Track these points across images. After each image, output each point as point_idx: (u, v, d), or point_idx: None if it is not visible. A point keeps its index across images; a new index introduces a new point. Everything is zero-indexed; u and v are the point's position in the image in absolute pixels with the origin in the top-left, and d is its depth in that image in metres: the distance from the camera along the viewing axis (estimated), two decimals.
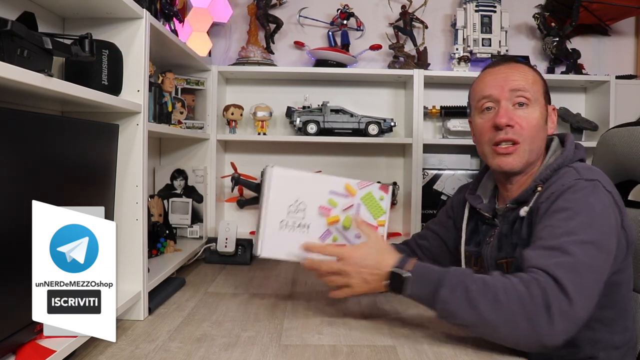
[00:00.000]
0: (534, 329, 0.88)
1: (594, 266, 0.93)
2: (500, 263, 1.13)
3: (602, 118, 2.04)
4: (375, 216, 1.16)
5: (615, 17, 2.18)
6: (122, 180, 1.12)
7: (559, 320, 0.87)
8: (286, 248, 1.11)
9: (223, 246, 1.73)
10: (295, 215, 1.11)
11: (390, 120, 2.00)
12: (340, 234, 1.14)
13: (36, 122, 0.82)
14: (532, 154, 1.11)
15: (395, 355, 0.95)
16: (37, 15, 0.88)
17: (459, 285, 0.94)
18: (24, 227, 0.76)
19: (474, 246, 1.23)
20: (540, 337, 0.88)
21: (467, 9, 2.07)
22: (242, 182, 1.95)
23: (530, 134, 1.10)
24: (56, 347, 0.81)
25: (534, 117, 1.10)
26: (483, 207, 1.20)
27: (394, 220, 2.15)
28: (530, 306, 0.89)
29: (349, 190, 1.14)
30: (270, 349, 0.97)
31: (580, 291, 0.89)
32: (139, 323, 1.11)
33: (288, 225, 1.11)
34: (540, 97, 1.13)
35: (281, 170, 1.12)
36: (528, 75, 1.13)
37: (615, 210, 1.01)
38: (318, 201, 1.13)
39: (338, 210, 1.13)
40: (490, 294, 0.92)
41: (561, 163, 1.09)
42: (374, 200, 1.16)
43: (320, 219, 1.13)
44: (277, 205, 1.11)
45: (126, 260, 1.13)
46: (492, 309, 0.91)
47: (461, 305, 0.93)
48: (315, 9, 2.16)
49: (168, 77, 1.50)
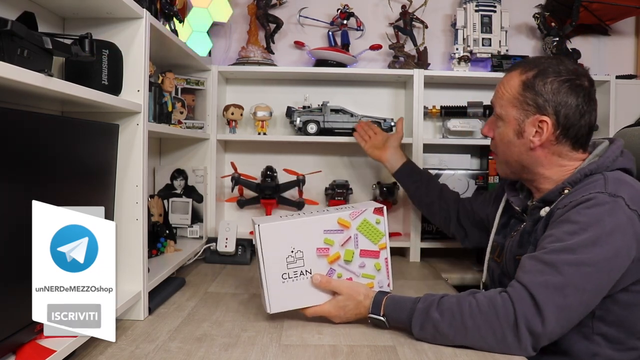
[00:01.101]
0: (505, 346, 0.94)
1: (584, 288, 0.93)
2: (518, 259, 1.10)
3: (602, 118, 2.04)
4: (374, 241, 1.13)
5: (615, 17, 2.17)
6: (122, 180, 1.12)
7: (527, 337, 0.92)
8: (294, 298, 1.10)
9: (223, 246, 1.73)
10: (295, 264, 1.09)
11: (390, 120, 2.00)
12: (344, 269, 1.12)
13: (36, 122, 0.82)
14: (509, 165, 1.17)
15: (395, 355, 0.95)
16: (37, 15, 0.88)
17: (427, 321, 1.00)
18: (24, 227, 0.76)
19: (502, 238, 1.26)
20: (513, 351, 0.94)
21: (467, 9, 2.07)
22: (242, 182, 1.95)
23: (500, 148, 1.17)
24: (56, 347, 0.81)
25: (501, 132, 1.15)
26: (515, 201, 1.23)
27: (394, 220, 2.14)
28: (497, 327, 0.94)
29: (342, 224, 1.11)
30: (270, 349, 0.97)
31: (558, 313, 0.92)
32: (139, 323, 1.11)
33: (290, 277, 1.09)
34: (510, 111, 1.12)
35: (267, 226, 1.08)
36: (506, 89, 1.13)
37: (638, 229, 0.96)
38: (314, 244, 1.10)
39: (336, 247, 1.11)
40: (457, 323, 0.97)
41: (594, 169, 1.06)
42: (371, 225, 1.13)
43: (321, 261, 1.10)
44: (274, 261, 1.08)
45: (126, 260, 1.13)
46: (462, 336, 0.97)
47: (434, 338, 1.00)
48: (315, 9, 2.16)
49: (168, 77, 1.50)
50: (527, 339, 0.92)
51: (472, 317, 0.95)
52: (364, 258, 1.13)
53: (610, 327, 1.02)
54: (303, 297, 1.10)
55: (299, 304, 1.11)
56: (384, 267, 1.14)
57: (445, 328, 0.97)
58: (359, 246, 1.12)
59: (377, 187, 2.05)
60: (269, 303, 1.09)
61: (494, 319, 0.94)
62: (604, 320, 1.02)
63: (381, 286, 1.14)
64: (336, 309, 1.10)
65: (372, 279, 1.13)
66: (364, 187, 2.14)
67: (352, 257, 1.12)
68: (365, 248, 1.13)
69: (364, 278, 1.13)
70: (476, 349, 0.96)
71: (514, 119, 1.12)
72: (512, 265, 1.14)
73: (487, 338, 0.94)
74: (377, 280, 1.14)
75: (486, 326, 0.94)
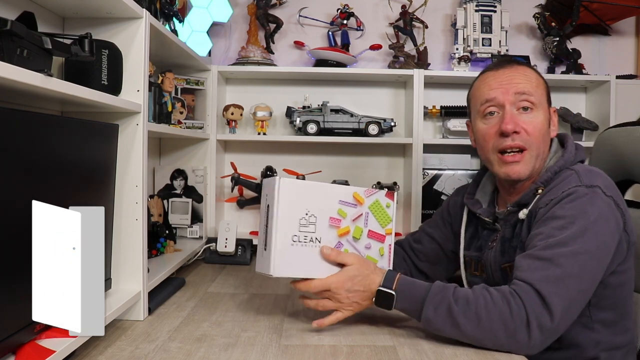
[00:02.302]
0: (514, 343, 0.93)
1: (582, 277, 0.94)
2: (504, 268, 1.12)
3: (603, 118, 2.04)
4: (382, 224, 1.12)
5: (616, 16, 2.17)
6: (122, 180, 1.12)
7: (537, 335, 0.91)
8: (300, 265, 1.04)
9: (223, 246, 1.73)
10: (307, 228, 1.05)
11: (390, 120, 2.00)
12: (351, 246, 1.09)
13: (36, 122, 0.82)
14: (538, 159, 1.10)
15: (395, 355, 0.95)
16: (37, 15, 0.88)
17: (442, 304, 0.96)
18: (23, 227, 0.76)
19: (474, 251, 1.22)
20: (520, 349, 0.93)
21: (467, 9, 2.07)
22: (242, 182, 1.95)
23: (536, 139, 1.08)
24: (56, 347, 0.81)
25: (539, 122, 1.08)
26: (483, 213, 1.18)
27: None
28: (510, 323, 0.92)
29: (357, 199, 1.10)
30: (270, 349, 0.97)
31: (564, 304, 0.92)
32: (139, 323, 1.11)
33: (300, 241, 1.04)
34: (544, 101, 1.11)
35: (288, 181, 1.03)
36: (531, 77, 1.10)
37: (617, 214, 1.01)
38: (328, 212, 1.07)
39: (348, 221, 1.09)
40: (471, 312, 0.94)
41: (562, 165, 1.08)
42: (381, 207, 1.12)
43: (331, 231, 1.07)
44: (288, 219, 1.02)
45: (126, 260, 1.13)
46: (473, 327, 0.94)
47: (444, 324, 0.96)
48: (315, 9, 2.16)
49: (168, 77, 1.50)
50: (537, 337, 0.91)
51: (486, 309, 0.93)
52: (371, 239, 1.11)
53: (606, 312, 1.04)
54: (308, 266, 1.05)
55: (303, 273, 1.05)
56: (387, 254, 1.13)
57: (460, 315, 0.94)
58: (368, 225, 1.11)
59: (377, 187, 2.05)
60: (273, 265, 1.01)
61: (507, 315, 0.92)
62: (599, 306, 1.04)
63: None
64: (343, 280, 1.03)
65: (374, 263, 1.11)
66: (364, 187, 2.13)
67: (361, 235, 1.10)
68: (373, 229, 1.11)
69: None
70: (482, 343, 0.95)
71: (546, 107, 1.12)
72: (499, 275, 1.14)
73: (498, 332, 0.92)
74: (379, 265, 1.11)
75: (499, 321, 0.92)
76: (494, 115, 1.10)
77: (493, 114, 1.10)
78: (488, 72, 1.15)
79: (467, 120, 1.23)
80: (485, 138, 1.12)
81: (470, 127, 1.21)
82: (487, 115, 1.11)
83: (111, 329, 1.05)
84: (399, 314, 1.17)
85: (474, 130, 1.17)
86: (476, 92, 1.15)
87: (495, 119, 1.10)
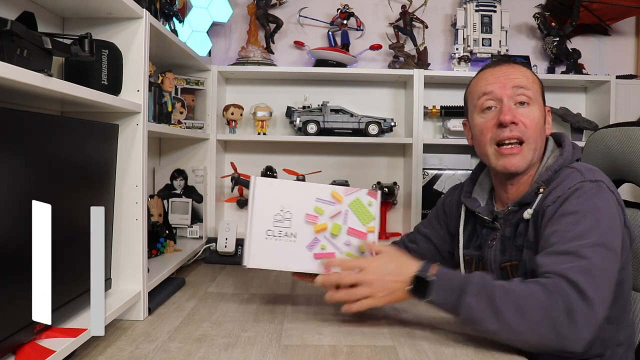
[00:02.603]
0: (557, 335, 0.87)
1: (606, 268, 0.93)
2: (504, 267, 1.12)
3: (603, 118, 2.04)
4: (364, 222, 1.13)
5: (616, 16, 2.17)
6: (122, 180, 1.12)
7: (582, 325, 0.87)
8: (273, 258, 1.11)
9: (223, 246, 1.73)
10: (282, 224, 1.11)
11: (390, 120, 2.00)
12: (329, 242, 1.12)
13: (36, 122, 0.82)
14: (535, 153, 1.11)
15: (395, 355, 0.95)
16: (37, 15, 0.88)
17: (483, 292, 0.93)
18: (23, 227, 0.76)
19: (474, 250, 1.22)
20: (563, 342, 0.88)
21: (467, 9, 2.07)
22: (242, 182, 1.95)
23: (533, 132, 1.09)
24: (56, 347, 0.81)
25: (536, 116, 1.10)
26: (482, 211, 1.18)
27: (394, 220, 2.15)
28: (552, 313, 0.88)
29: (335, 197, 1.12)
30: (270, 349, 0.97)
31: (598, 294, 0.89)
32: (139, 323, 1.11)
33: (274, 235, 1.10)
34: (540, 98, 1.14)
35: (263, 179, 1.13)
36: (528, 74, 1.13)
37: (619, 209, 1.02)
38: (304, 209, 1.11)
39: (325, 217, 1.12)
40: (513, 301, 0.90)
41: (561, 164, 1.09)
42: (363, 206, 1.13)
43: (307, 227, 1.11)
44: (262, 215, 1.10)
45: (126, 260, 1.13)
46: (515, 316, 0.90)
47: (485, 313, 0.92)
48: (315, 9, 2.16)
49: (168, 77, 1.50)
50: (582, 327, 0.87)
51: (527, 299, 0.89)
52: (351, 236, 1.12)
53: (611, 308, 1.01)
54: (283, 259, 1.11)
55: (276, 265, 1.12)
56: (368, 252, 1.12)
57: (502, 303, 0.90)
58: (348, 223, 1.12)
59: (377, 187, 2.05)
60: (248, 256, 1.10)
61: (549, 304, 0.88)
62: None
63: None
64: (378, 263, 1.02)
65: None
66: (364, 187, 2.13)
67: (339, 232, 1.12)
68: (353, 227, 1.13)
69: (347, 257, 1.12)
70: (522, 337, 0.90)
71: (541, 103, 1.14)
72: (499, 274, 1.13)
73: (540, 323, 0.88)
74: None
75: (541, 310, 0.88)
76: (492, 109, 1.12)
77: (491, 109, 1.12)
78: (485, 69, 1.18)
79: (464, 119, 1.24)
80: (483, 131, 1.13)
81: (467, 125, 1.23)
82: (485, 110, 1.13)
83: (111, 329, 1.05)
84: (399, 314, 1.17)
85: (471, 126, 1.19)
86: (474, 88, 1.17)
87: (493, 112, 1.11)
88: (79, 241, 0.96)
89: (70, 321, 0.94)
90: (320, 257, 1.11)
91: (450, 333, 1.05)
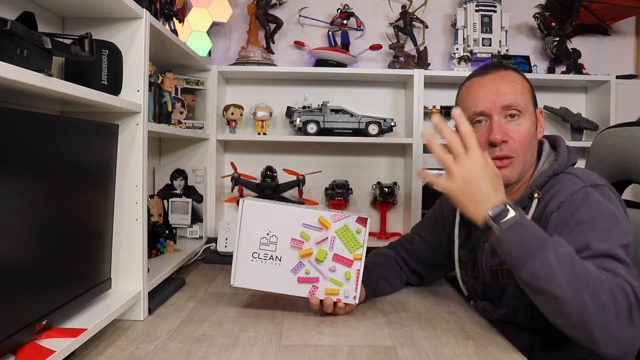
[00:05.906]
0: (617, 328, 0.82)
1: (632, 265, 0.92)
2: (494, 269, 1.12)
3: (603, 118, 2.04)
4: (351, 250, 1.13)
5: (616, 16, 2.18)
6: (122, 180, 1.12)
7: (634, 331, 0.83)
8: (258, 279, 1.12)
9: (223, 246, 1.73)
10: (267, 247, 1.12)
11: (390, 120, 2.00)
12: (313, 267, 1.12)
13: (36, 122, 0.82)
14: (526, 164, 1.12)
15: (395, 355, 0.95)
16: (37, 15, 0.88)
17: (567, 256, 0.86)
18: (23, 228, 0.76)
19: (468, 251, 1.22)
20: (616, 338, 0.83)
21: (467, 9, 2.07)
22: (242, 182, 1.95)
23: (523, 146, 1.09)
24: (56, 347, 0.81)
25: (526, 128, 1.10)
26: None
27: (394, 220, 2.15)
28: (619, 304, 0.83)
29: (322, 223, 1.12)
30: (270, 349, 0.97)
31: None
32: (139, 323, 1.11)
33: (260, 258, 1.12)
34: (530, 106, 1.13)
35: (252, 202, 1.13)
36: (517, 85, 1.11)
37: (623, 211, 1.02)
38: (290, 234, 1.12)
39: (311, 243, 1.12)
40: (591, 279, 0.84)
41: (556, 169, 1.09)
42: (350, 233, 1.13)
43: (293, 252, 1.12)
44: (249, 238, 1.12)
45: (126, 260, 1.13)
46: (589, 294, 0.83)
47: (563, 272, 0.84)
48: (315, 9, 2.16)
49: (168, 77, 1.50)
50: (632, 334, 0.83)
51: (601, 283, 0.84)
52: (336, 263, 1.12)
53: None
54: (267, 281, 1.12)
55: (261, 286, 1.13)
56: (354, 278, 1.13)
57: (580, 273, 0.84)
58: (334, 249, 1.12)
59: (377, 187, 2.05)
60: (234, 276, 1.13)
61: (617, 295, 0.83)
62: None
63: (346, 296, 1.13)
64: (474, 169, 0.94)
65: (339, 286, 1.12)
66: (364, 187, 2.14)
67: (324, 257, 1.12)
68: (339, 253, 1.12)
69: (331, 282, 1.12)
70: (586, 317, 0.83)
71: (532, 111, 1.13)
72: (489, 276, 1.13)
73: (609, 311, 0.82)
74: (344, 289, 1.13)
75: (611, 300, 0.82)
76: (482, 123, 1.12)
77: (481, 122, 1.12)
78: (474, 79, 1.16)
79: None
80: None
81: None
82: (475, 124, 1.13)
83: (111, 329, 1.05)
84: (399, 314, 1.17)
85: None
86: (464, 100, 1.16)
87: (484, 127, 1.11)
88: (79, 241, 0.96)
89: (70, 321, 0.94)
90: (304, 281, 1.12)
91: (450, 333, 1.05)
